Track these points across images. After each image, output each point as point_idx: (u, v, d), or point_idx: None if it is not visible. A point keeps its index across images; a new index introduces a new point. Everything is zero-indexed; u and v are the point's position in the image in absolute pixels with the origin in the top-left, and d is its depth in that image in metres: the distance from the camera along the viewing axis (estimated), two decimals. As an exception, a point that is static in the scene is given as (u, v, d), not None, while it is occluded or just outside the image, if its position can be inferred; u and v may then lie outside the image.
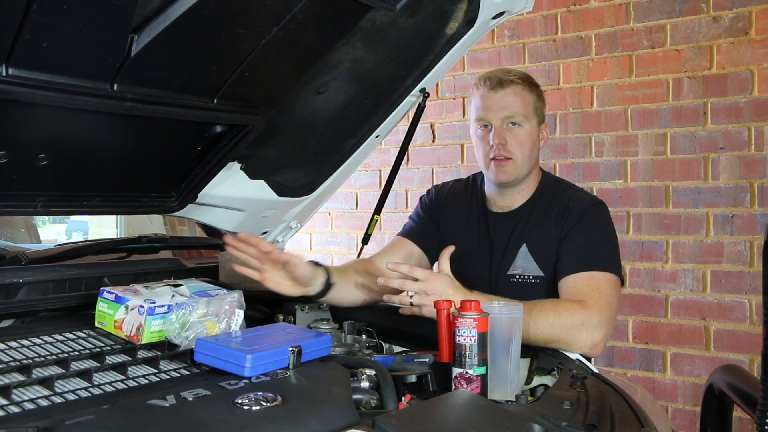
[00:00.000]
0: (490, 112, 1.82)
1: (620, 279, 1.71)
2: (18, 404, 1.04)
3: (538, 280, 1.79)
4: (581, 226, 1.76)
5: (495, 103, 1.81)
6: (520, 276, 1.81)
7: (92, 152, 1.54)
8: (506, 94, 1.80)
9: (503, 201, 1.89)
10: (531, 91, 1.83)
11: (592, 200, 1.84)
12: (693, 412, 3.06)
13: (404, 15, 1.61)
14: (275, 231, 2.26)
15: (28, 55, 1.16)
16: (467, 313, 1.30)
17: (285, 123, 1.80)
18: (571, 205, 1.80)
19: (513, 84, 1.81)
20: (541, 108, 1.86)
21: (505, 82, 1.80)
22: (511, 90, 1.80)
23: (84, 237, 4.37)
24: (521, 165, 1.82)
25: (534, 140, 1.84)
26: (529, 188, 1.88)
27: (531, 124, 1.82)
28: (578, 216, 1.77)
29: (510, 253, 1.83)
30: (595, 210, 1.79)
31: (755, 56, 2.94)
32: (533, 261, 1.80)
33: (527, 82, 1.84)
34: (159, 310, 1.36)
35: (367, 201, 4.07)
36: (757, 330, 2.91)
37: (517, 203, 1.88)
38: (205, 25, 1.30)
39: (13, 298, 1.54)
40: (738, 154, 2.98)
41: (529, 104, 1.82)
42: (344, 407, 1.10)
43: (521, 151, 1.81)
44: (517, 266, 1.82)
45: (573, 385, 1.29)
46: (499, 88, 1.80)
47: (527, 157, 1.82)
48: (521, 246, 1.82)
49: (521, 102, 1.81)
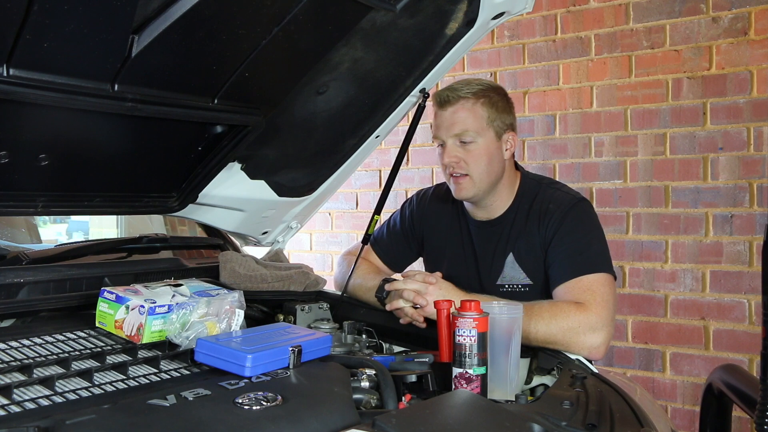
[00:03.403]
0: (440, 130, 1.78)
1: (613, 275, 1.69)
2: (19, 404, 1.04)
3: (527, 289, 1.78)
4: (564, 230, 1.72)
5: (444, 120, 1.77)
6: (509, 285, 1.80)
7: (93, 152, 1.54)
8: (455, 111, 1.76)
9: (481, 212, 1.87)
10: (484, 103, 1.76)
11: (571, 200, 1.78)
12: (692, 412, 3.06)
13: (404, 15, 1.61)
14: (275, 231, 2.26)
15: (29, 55, 1.16)
16: (467, 313, 1.30)
17: (285, 123, 1.80)
18: (551, 208, 1.76)
19: (461, 99, 1.75)
20: (500, 118, 1.78)
21: (452, 99, 1.76)
22: (459, 106, 1.76)
23: (85, 237, 4.36)
24: (479, 180, 1.77)
25: (491, 153, 1.77)
26: (505, 197, 1.84)
27: (486, 138, 1.77)
28: (559, 219, 1.73)
29: (497, 262, 1.82)
30: (575, 209, 1.75)
31: (754, 56, 2.94)
32: (521, 270, 1.78)
33: (480, 95, 1.76)
34: (159, 310, 1.37)
35: (367, 201, 4.07)
36: (756, 330, 2.92)
37: (497, 212, 1.85)
38: (206, 25, 1.31)
39: (14, 298, 1.53)
40: (737, 155, 2.98)
41: (482, 117, 1.76)
42: (344, 407, 1.10)
43: (476, 167, 1.76)
44: (505, 276, 1.80)
45: (573, 384, 1.30)
46: (447, 105, 1.76)
47: (485, 172, 1.77)
48: (507, 255, 1.80)
49: (472, 117, 1.75)
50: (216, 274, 1.98)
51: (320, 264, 4.19)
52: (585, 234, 1.73)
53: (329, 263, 4.17)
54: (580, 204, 1.78)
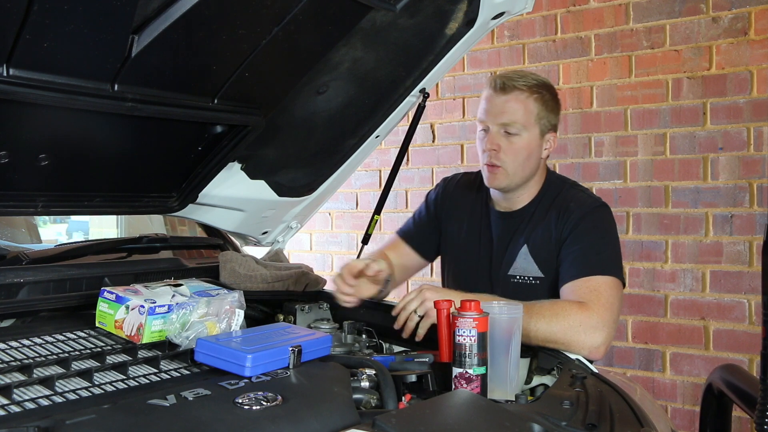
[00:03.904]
0: (489, 115, 1.78)
1: (622, 281, 1.69)
2: (19, 404, 1.04)
3: (538, 281, 1.78)
4: (581, 230, 1.73)
5: (495, 107, 1.77)
6: (520, 277, 1.80)
7: (93, 152, 1.54)
8: (508, 100, 1.75)
9: (505, 202, 1.88)
10: (537, 99, 1.76)
11: (593, 202, 1.80)
12: (692, 412, 3.06)
13: (404, 15, 1.61)
14: (275, 231, 2.26)
15: (29, 55, 1.16)
16: (467, 313, 1.30)
17: (285, 123, 1.80)
18: (572, 207, 1.77)
19: (516, 90, 1.74)
20: (547, 117, 1.79)
21: (507, 88, 1.75)
22: (513, 96, 1.74)
23: (85, 237, 4.36)
24: (512, 174, 1.78)
25: (532, 150, 1.78)
26: (530, 191, 1.85)
27: (530, 134, 1.76)
28: (578, 219, 1.74)
29: (511, 253, 1.82)
30: (595, 213, 1.77)
31: (754, 56, 2.94)
32: (533, 262, 1.79)
33: (535, 90, 1.76)
34: (159, 310, 1.37)
35: (367, 201, 4.07)
36: (756, 330, 2.91)
37: (519, 204, 1.86)
38: (206, 25, 1.31)
39: (14, 298, 1.53)
40: (737, 154, 2.98)
41: (532, 113, 1.75)
42: (344, 407, 1.10)
43: (513, 161, 1.76)
44: (517, 267, 1.81)
45: (573, 384, 1.30)
46: (502, 92, 1.75)
47: (520, 167, 1.77)
48: (522, 246, 1.81)
49: (522, 110, 1.75)
50: (216, 274, 1.98)
51: (320, 264, 4.19)
52: (600, 237, 1.74)
53: (329, 263, 4.17)
54: (601, 208, 1.80)
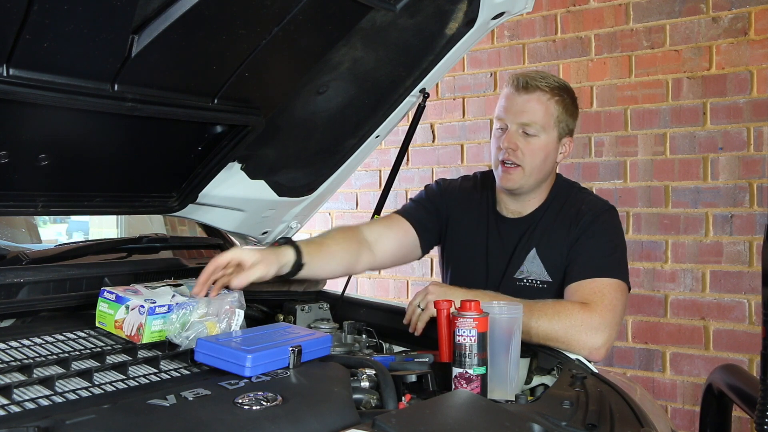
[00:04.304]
0: (508, 113, 1.76)
1: (627, 285, 1.69)
2: (19, 404, 1.04)
3: (545, 286, 1.77)
4: (591, 232, 1.73)
5: (515, 105, 1.75)
6: (527, 280, 1.79)
7: (93, 152, 1.54)
8: (529, 100, 1.74)
9: (514, 206, 1.86)
10: (558, 102, 1.75)
11: (603, 205, 1.81)
12: (692, 412, 3.06)
13: (404, 15, 1.61)
14: (275, 231, 2.26)
15: (28, 55, 1.16)
16: (467, 313, 1.30)
17: (285, 123, 1.80)
18: (584, 209, 1.78)
19: (538, 91, 1.73)
20: (566, 121, 1.78)
21: (530, 88, 1.74)
22: (534, 97, 1.74)
23: (85, 237, 4.36)
24: (529, 174, 1.77)
25: (548, 152, 1.77)
26: (541, 195, 1.84)
27: (549, 136, 1.76)
28: (590, 220, 1.75)
29: (518, 256, 1.81)
30: (605, 215, 1.77)
31: (754, 56, 2.94)
32: (541, 265, 1.78)
33: (556, 92, 1.75)
34: (159, 310, 1.37)
35: (367, 201, 4.07)
36: (756, 330, 2.92)
37: (528, 209, 1.85)
38: (206, 25, 1.31)
39: (13, 298, 1.53)
40: (737, 154, 2.98)
41: (552, 115, 1.75)
42: (344, 407, 1.10)
43: (531, 161, 1.75)
44: (524, 270, 1.80)
45: (573, 384, 1.30)
46: (524, 91, 1.74)
47: (537, 168, 1.77)
48: (531, 250, 1.80)
49: (543, 111, 1.74)
50: (216, 274, 1.98)
51: (320, 264, 4.18)
52: (610, 240, 1.74)
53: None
54: (612, 211, 1.80)
